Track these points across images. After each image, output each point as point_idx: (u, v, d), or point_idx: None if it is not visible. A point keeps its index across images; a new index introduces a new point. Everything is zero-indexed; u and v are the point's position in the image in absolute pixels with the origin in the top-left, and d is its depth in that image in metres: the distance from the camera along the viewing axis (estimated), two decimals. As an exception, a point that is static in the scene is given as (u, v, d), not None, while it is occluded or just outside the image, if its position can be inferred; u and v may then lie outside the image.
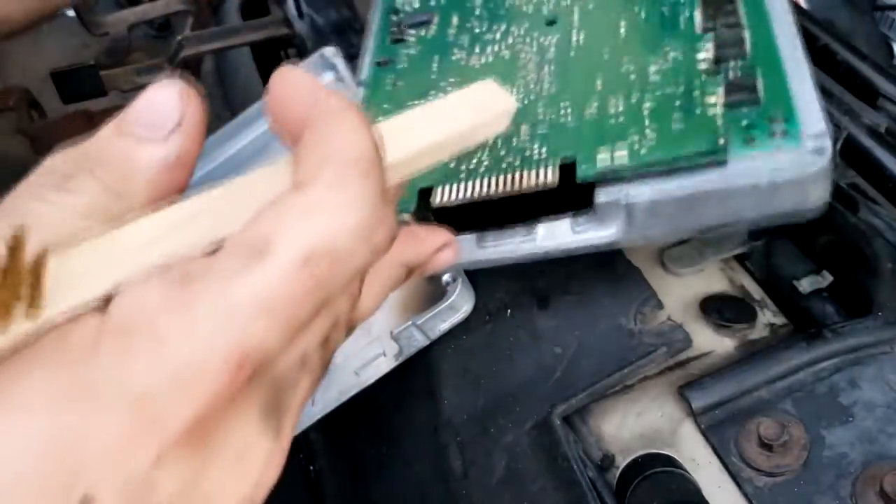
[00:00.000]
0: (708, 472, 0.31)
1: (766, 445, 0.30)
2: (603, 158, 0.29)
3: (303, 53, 0.63)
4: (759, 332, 0.34)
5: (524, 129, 0.32)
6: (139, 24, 0.67)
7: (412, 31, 0.39)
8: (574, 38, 0.35)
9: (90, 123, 0.59)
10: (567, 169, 0.30)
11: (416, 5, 0.40)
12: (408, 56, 0.38)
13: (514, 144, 0.32)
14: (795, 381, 0.31)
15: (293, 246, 0.18)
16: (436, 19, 0.39)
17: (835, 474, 0.29)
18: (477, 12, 0.39)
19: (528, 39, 0.36)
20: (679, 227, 0.29)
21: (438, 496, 0.34)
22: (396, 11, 0.41)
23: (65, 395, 0.16)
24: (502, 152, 0.31)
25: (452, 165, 0.32)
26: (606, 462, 0.32)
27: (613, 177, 0.29)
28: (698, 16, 0.33)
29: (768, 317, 0.35)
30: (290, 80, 0.20)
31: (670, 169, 0.28)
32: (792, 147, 0.27)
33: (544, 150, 0.31)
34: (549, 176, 0.30)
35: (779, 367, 0.31)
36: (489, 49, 0.37)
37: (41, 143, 0.61)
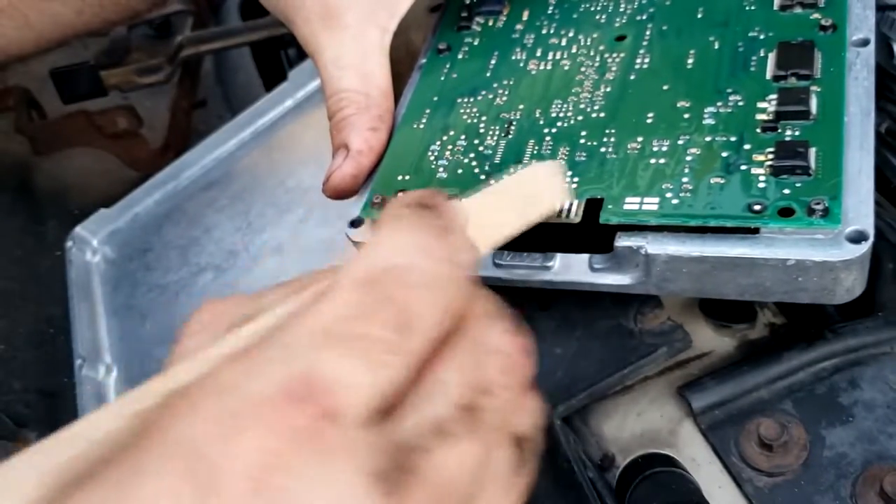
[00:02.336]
0: (708, 472, 0.31)
1: (766, 445, 0.30)
2: (631, 203, 0.28)
3: (303, 54, 0.63)
4: (759, 332, 0.34)
5: (562, 151, 0.31)
6: (139, 24, 0.67)
7: (480, 19, 0.38)
8: (639, 61, 0.33)
9: (90, 123, 0.59)
10: (593, 206, 0.29)
11: None
12: (469, 46, 0.37)
13: None
14: (795, 381, 0.31)
15: (348, 275, 0.18)
16: (506, 10, 0.38)
17: (835, 474, 0.29)
18: (549, 10, 0.37)
19: (592, 52, 0.34)
20: (697, 288, 0.28)
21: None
22: None
23: None
24: None
25: (483, 178, 0.31)
26: (606, 462, 0.32)
27: (638, 224, 0.28)
28: (771, 61, 0.30)
29: (768, 317, 0.35)
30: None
31: (698, 227, 0.27)
32: (829, 230, 0.25)
33: (576, 180, 0.30)
34: (572, 211, 0.29)
35: (779, 367, 0.31)
36: (551, 55, 0.35)
37: (41, 143, 0.61)
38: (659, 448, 0.32)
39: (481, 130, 0.33)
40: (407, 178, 0.33)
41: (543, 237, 0.30)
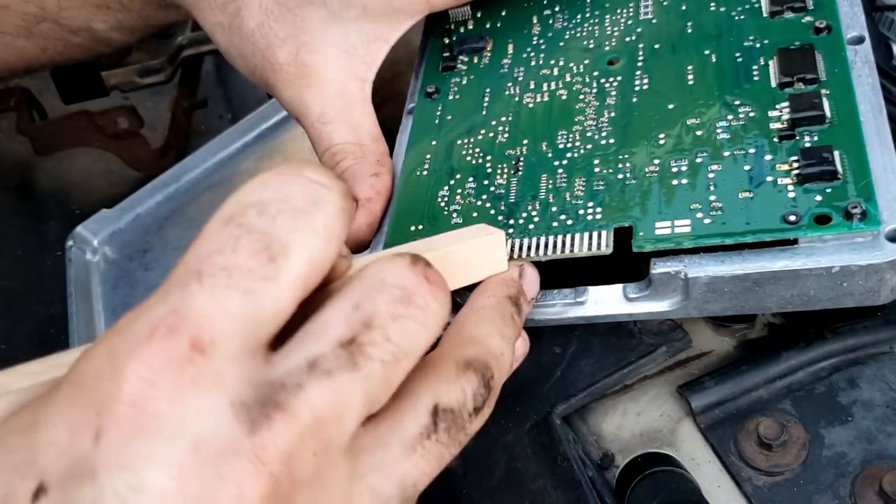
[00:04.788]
0: (707, 472, 0.31)
1: (765, 445, 0.30)
2: (662, 228, 0.27)
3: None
4: (758, 331, 0.34)
5: (579, 183, 0.30)
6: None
7: (464, 58, 0.37)
8: (637, 83, 0.32)
9: (91, 123, 0.59)
10: (622, 234, 0.28)
11: (471, 27, 0.38)
12: (458, 86, 0.36)
13: (568, 200, 0.30)
14: (794, 380, 0.31)
15: (213, 218, 0.19)
16: (490, 45, 0.37)
17: (834, 474, 0.29)
18: (534, 41, 0.36)
19: (587, 79, 0.33)
20: (740, 305, 0.27)
21: (438, 496, 0.34)
22: (449, 32, 0.38)
23: None
24: (554, 208, 0.30)
25: (500, 218, 0.30)
26: (606, 461, 0.32)
27: (673, 248, 0.27)
28: (774, 68, 0.30)
29: (767, 316, 0.35)
30: None
31: (735, 244, 0.26)
32: (870, 231, 0.25)
33: (599, 210, 0.29)
34: (602, 243, 0.28)
35: (778, 367, 0.31)
36: (545, 86, 0.34)
37: (42, 143, 0.61)
38: (658, 447, 0.32)
39: (489, 170, 0.32)
40: (420, 227, 0.32)
41: (571, 271, 0.30)
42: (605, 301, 0.29)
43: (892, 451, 0.29)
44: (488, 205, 0.31)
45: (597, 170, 0.30)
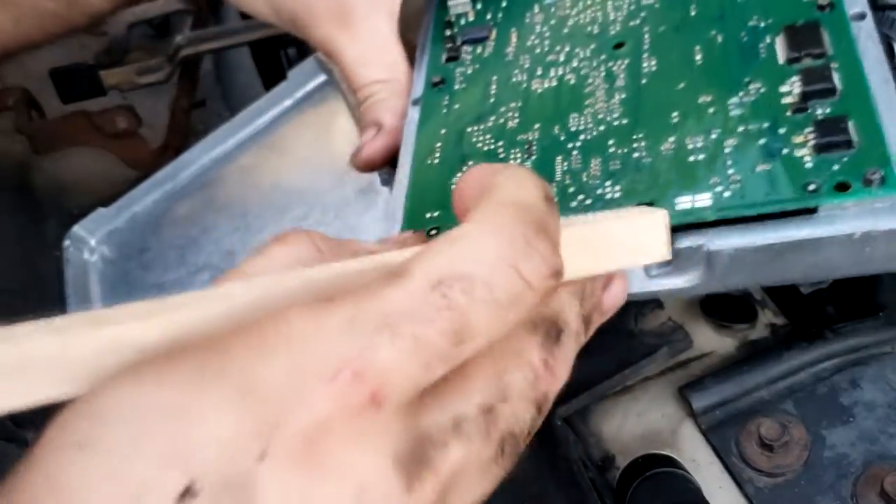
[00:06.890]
0: (708, 473, 0.31)
1: (766, 446, 0.30)
2: (683, 203, 0.27)
3: (303, 53, 0.63)
4: (759, 332, 0.34)
5: (594, 163, 0.30)
6: (138, 23, 0.67)
7: (468, 48, 0.37)
8: (645, 65, 0.33)
9: (89, 123, 0.59)
10: None
11: (472, 18, 0.38)
12: (464, 76, 0.36)
13: (585, 181, 0.30)
14: (796, 381, 0.31)
15: (424, 269, 0.18)
16: (493, 35, 0.37)
17: (835, 474, 0.29)
18: (538, 29, 0.36)
19: (594, 63, 0.34)
20: (763, 277, 0.27)
21: (438, 497, 0.34)
22: (451, 24, 0.38)
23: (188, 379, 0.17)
24: (571, 189, 0.30)
25: None
26: (607, 462, 0.32)
27: (695, 222, 0.27)
28: (781, 45, 0.30)
29: (769, 317, 0.34)
30: (471, 172, 0.22)
31: (756, 215, 0.26)
32: (889, 196, 0.25)
33: (618, 188, 0.29)
34: None
35: (779, 368, 0.31)
36: (553, 72, 0.34)
37: (40, 142, 0.61)
38: (659, 448, 0.32)
39: (501, 155, 0.32)
40: (436, 214, 0.32)
41: None
42: (628, 278, 0.29)
43: (893, 452, 0.29)
44: None
45: (612, 150, 0.30)
